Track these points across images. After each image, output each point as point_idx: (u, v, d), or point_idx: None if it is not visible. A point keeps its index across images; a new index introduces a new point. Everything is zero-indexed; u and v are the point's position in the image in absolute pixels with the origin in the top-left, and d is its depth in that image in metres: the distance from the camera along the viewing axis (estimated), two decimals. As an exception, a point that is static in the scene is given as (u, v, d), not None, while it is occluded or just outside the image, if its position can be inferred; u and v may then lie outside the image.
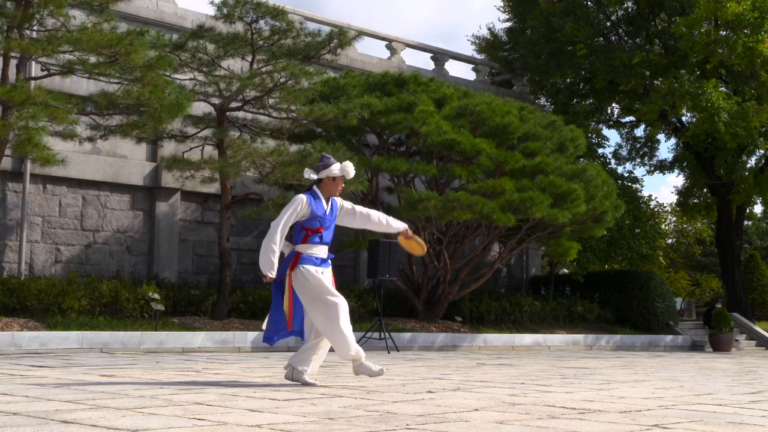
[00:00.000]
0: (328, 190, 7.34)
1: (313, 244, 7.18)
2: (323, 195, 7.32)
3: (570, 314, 22.46)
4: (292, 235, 7.29)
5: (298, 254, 7.14)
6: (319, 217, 7.18)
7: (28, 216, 17.26)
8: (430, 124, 16.79)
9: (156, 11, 19.38)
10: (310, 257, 7.14)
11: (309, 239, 7.18)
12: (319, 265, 7.16)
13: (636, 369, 11.01)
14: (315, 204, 7.20)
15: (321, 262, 7.19)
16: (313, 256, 7.16)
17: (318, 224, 7.19)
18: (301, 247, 7.17)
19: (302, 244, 7.18)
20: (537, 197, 16.91)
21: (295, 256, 7.14)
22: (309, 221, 7.19)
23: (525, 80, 25.96)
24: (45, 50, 12.95)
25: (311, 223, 7.20)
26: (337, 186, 7.37)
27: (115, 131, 14.86)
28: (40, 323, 14.31)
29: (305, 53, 16.82)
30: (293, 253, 7.18)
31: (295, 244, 7.21)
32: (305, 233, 7.20)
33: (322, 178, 7.33)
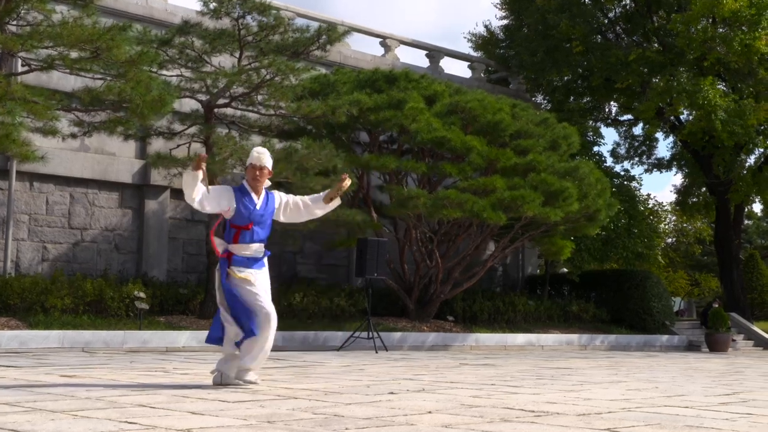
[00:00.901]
0: (249, 182, 6.93)
1: (243, 243, 6.78)
2: (251, 188, 6.91)
3: (565, 314, 22.23)
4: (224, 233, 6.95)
5: (229, 254, 6.77)
6: (249, 212, 6.77)
7: (15, 214, 17.10)
8: (420, 121, 16.60)
9: (145, 7, 19.22)
10: (240, 258, 6.75)
11: (240, 238, 6.78)
12: (248, 266, 6.76)
13: (620, 369, 10.81)
14: (242, 198, 6.80)
15: (253, 263, 6.78)
16: (244, 256, 6.76)
17: (247, 221, 6.78)
18: (233, 246, 6.79)
19: (233, 243, 6.79)
20: (528, 195, 16.70)
21: (227, 255, 6.81)
22: (237, 218, 6.79)
23: (521, 78, 25.73)
24: (24, 45, 12.76)
25: (239, 219, 6.79)
26: (254, 176, 6.91)
27: (99, 128, 14.67)
28: (22, 322, 14.15)
29: (293, 49, 16.61)
30: (225, 252, 6.84)
31: (227, 243, 6.82)
32: (235, 231, 6.81)
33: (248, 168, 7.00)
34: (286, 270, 20.66)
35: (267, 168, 6.97)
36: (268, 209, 6.94)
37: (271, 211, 6.98)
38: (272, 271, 21.12)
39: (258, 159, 6.94)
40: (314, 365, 10.08)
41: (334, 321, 17.75)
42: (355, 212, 16.33)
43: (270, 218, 6.99)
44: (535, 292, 23.91)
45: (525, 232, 18.88)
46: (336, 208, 16.06)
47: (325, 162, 15.12)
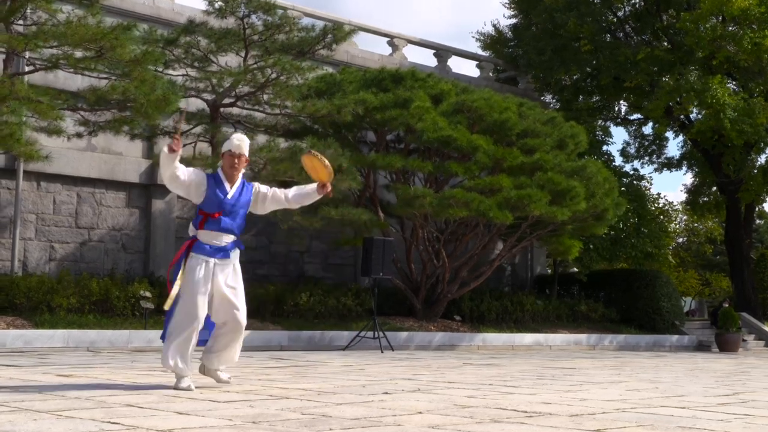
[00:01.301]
0: (225, 169, 6.66)
1: (209, 230, 6.53)
2: (225, 176, 6.64)
3: (573, 314, 22.12)
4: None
5: (194, 239, 6.57)
6: (219, 200, 6.52)
7: (22, 213, 17.12)
8: (426, 120, 16.53)
9: (152, 7, 19.20)
10: (203, 245, 6.50)
11: (205, 224, 6.54)
12: (211, 255, 6.48)
13: (624, 370, 10.73)
14: (215, 185, 6.57)
15: (215, 252, 6.50)
16: (208, 244, 6.51)
17: (215, 208, 6.52)
18: (199, 233, 6.58)
19: (199, 229, 6.59)
20: (535, 194, 16.62)
21: (191, 241, 6.57)
22: (206, 204, 6.55)
23: (529, 77, 25.63)
24: (28, 44, 12.78)
25: (208, 206, 6.54)
26: (231, 164, 6.63)
27: (105, 127, 14.68)
28: (27, 321, 14.17)
29: (299, 48, 16.60)
30: (191, 238, 6.62)
31: (195, 229, 6.65)
32: (201, 217, 6.58)
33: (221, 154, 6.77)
34: (293, 269, 20.64)
35: (245, 156, 6.74)
36: (241, 199, 6.67)
37: (245, 201, 6.70)
38: (279, 270, 21.11)
39: (238, 147, 6.66)
40: (316, 365, 10.04)
41: (340, 320, 17.71)
42: (361, 211, 16.29)
43: (243, 209, 6.71)
44: (544, 292, 23.81)
45: (532, 231, 18.79)
46: (342, 207, 16.09)
47: (331, 161, 15.02)
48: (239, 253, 6.82)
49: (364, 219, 16.17)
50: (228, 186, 6.61)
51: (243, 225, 6.79)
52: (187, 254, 6.53)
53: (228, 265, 6.59)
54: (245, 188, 6.73)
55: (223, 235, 6.55)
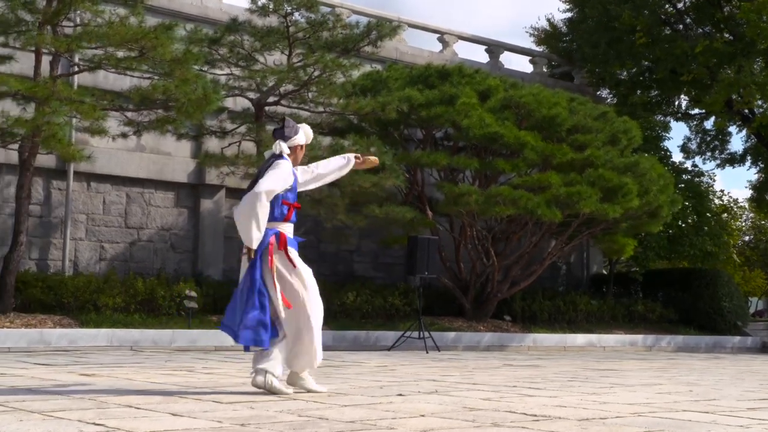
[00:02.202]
0: (295, 160, 6.37)
1: (292, 222, 6.14)
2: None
3: (630, 314, 21.57)
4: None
5: (282, 235, 6.00)
6: (295, 191, 6.19)
7: (73, 214, 17.31)
8: (472, 116, 16.26)
9: (200, 7, 19.27)
10: (292, 240, 6.07)
11: (292, 216, 6.13)
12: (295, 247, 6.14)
13: (669, 372, 10.34)
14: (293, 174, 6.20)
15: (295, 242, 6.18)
16: (292, 236, 6.11)
17: (295, 198, 6.18)
18: (284, 226, 6.06)
19: (284, 222, 6.07)
20: (585, 191, 16.23)
21: (280, 236, 5.99)
22: (291, 194, 6.14)
23: (584, 72, 25.11)
24: (70, 46, 12.88)
25: (293, 196, 6.15)
26: (302, 155, 6.47)
27: (149, 127, 14.73)
28: (74, 320, 14.30)
29: (343, 46, 16.47)
30: (274, 231, 5.97)
31: (276, 221, 6.02)
32: (287, 208, 6.08)
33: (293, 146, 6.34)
34: (342, 269, 20.52)
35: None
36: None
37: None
38: (328, 269, 21.08)
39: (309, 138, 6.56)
40: (350, 365, 9.88)
41: (388, 320, 17.54)
42: (405, 210, 16.09)
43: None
44: (600, 292, 23.29)
45: (584, 229, 18.37)
46: (387, 205, 15.91)
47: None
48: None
49: (409, 217, 15.97)
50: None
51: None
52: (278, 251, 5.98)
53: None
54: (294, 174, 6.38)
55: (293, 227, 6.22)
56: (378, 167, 15.30)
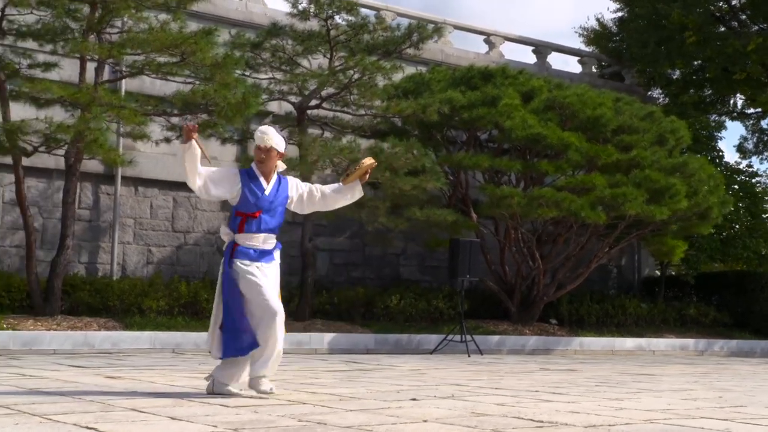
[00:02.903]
0: (258, 165, 6.26)
1: (250, 232, 6.08)
2: (260, 171, 6.24)
3: (681, 317, 21.13)
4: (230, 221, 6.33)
5: (234, 245, 6.09)
6: (257, 198, 6.11)
7: (120, 218, 17.57)
8: (515, 117, 16.10)
9: (245, 12, 19.42)
10: (245, 250, 6.05)
11: (245, 226, 6.09)
12: (255, 259, 6.06)
13: (709, 377, 10.08)
14: (250, 182, 6.17)
15: (258, 255, 6.08)
16: (251, 248, 6.07)
17: (254, 207, 6.09)
18: (238, 236, 6.11)
19: (238, 232, 6.12)
20: (630, 193, 15.95)
21: (232, 247, 6.10)
22: (243, 204, 6.12)
23: (634, 72, 24.71)
24: (111, 52, 13.06)
25: (245, 206, 6.11)
26: (259, 158, 6.24)
27: (191, 131, 14.85)
28: (119, 323, 14.48)
29: (384, 48, 16.44)
30: (230, 243, 6.14)
31: (233, 233, 6.18)
32: (240, 219, 6.11)
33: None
34: (388, 272, 20.48)
35: (275, 149, 6.30)
36: (279, 196, 6.26)
37: (282, 198, 6.29)
38: (374, 272, 21.03)
39: (261, 139, 6.24)
40: (382, 369, 9.83)
41: (432, 324, 17.45)
42: (447, 212, 15.99)
43: (281, 206, 6.30)
44: (652, 295, 22.86)
45: (632, 231, 18.05)
46: (428, 208, 15.83)
47: (414, 161, 14.86)
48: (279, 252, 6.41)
49: (451, 220, 15.85)
50: (264, 182, 6.20)
51: (281, 223, 6.40)
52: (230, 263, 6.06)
53: (272, 266, 6.17)
54: (282, 184, 6.32)
55: (263, 236, 6.12)
56: (418, 169, 15.34)
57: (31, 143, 13.29)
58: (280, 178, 6.34)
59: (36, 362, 9.77)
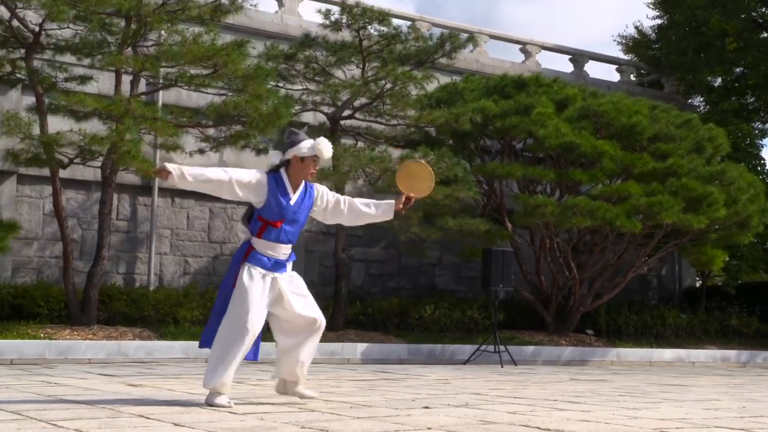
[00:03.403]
0: (296, 174, 6.03)
1: (268, 240, 5.97)
2: (291, 180, 6.02)
3: (723, 328, 20.78)
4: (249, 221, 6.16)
5: (250, 248, 5.98)
6: (281, 207, 5.95)
7: (157, 229, 17.77)
8: (548, 126, 16.00)
9: (281, 24, 19.57)
10: (260, 257, 5.93)
11: (265, 233, 5.97)
12: (269, 269, 5.94)
13: (743, 389, 9.87)
14: (276, 189, 5.97)
15: (273, 265, 5.96)
16: (265, 255, 5.95)
17: (277, 216, 5.93)
18: (256, 241, 5.99)
19: (257, 237, 6.00)
20: (667, 201, 15.74)
21: (247, 249, 5.99)
22: (266, 210, 5.95)
23: (673, 79, 24.43)
24: (144, 65, 13.23)
25: (268, 212, 5.95)
26: (307, 169, 6.05)
27: (224, 142, 15.00)
28: (154, 333, 14.62)
29: (417, 58, 16.45)
30: (246, 244, 6.03)
31: (252, 235, 6.05)
32: (261, 224, 5.98)
33: (289, 158, 6.04)
34: (423, 282, 20.44)
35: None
36: (303, 206, 6.10)
37: (307, 206, 6.12)
38: (409, 282, 20.97)
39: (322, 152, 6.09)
40: (407, 378, 9.79)
41: (467, 334, 17.36)
42: (479, 221, 15.91)
43: (305, 215, 6.15)
44: (693, 306, 22.53)
45: (670, 240, 17.81)
46: (461, 217, 15.76)
47: (446, 171, 14.82)
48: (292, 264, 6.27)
49: (484, 229, 15.77)
50: (291, 191, 6.03)
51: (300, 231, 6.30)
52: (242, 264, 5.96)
53: (286, 276, 6.08)
54: (308, 192, 6.13)
55: (281, 246, 6.01)
56: (451, 179, 15.29)
57: (66, 155, 13.49)
58: (307, 186, 6.16)
59: (67, 371, 9.89)
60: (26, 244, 16.55)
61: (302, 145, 6.07)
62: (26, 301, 14.68)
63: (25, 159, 13.32)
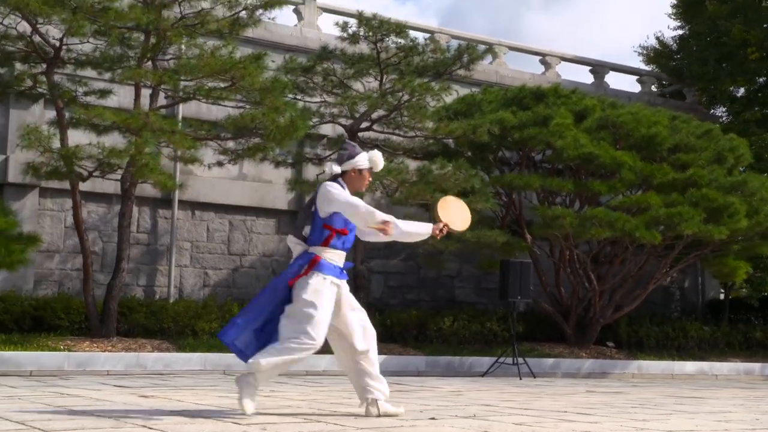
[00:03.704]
0: (353, 184, 6.18)
1: (334, 248, 6.06)
2: (350, 190, 6.14)
3: (747, 341, 20.56)
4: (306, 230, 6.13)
5: (316, 257, 5.98)
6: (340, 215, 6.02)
7: (177, 241, 17.86)
8: (567, 137, 15.94)
9: (300, 38, 19.66)
10: (329, 264, 5.99)
11: (331, 242, 6.04)
12: (338, 276, 6.04)
13: (759, 401, 9.76)
14: None
15: (340, 273, 6.07)
16: (333, 263, 6.02)
17: (343, 224, 6.05)
18: (319, 249, 6.01)
19: (321, 246, 6.02)
20: (687, 212, 15.62)
21: (312, 259, 5.98)
22: (335, 219, 6.02)
23: (695, 90, 24.29)
24: (162, 78, 13.34)
25: (337, 221, 6.03)
26: (364, 180, 6.26)
27: (243, 155, 15.07)
28: (172, 345, 14.68)
29: (435, 70, 16.47)
30: (308, 254, 6.02)
31: (311, 245, 6.06)
32: (328, 233, 6.03)
33: (346, 170, 6.18)
34: (443, 294, 20.41)
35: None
36: None
37: None
38: (428, 294, 20.97)
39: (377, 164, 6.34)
40: (422, 390, 9.78)
41: (486, 346, 17.29)
42: (497, 233, 15.86)
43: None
44: (717, 318, 22.29)
45: (691, 251, 17.66)
46: (478, 229, 15.70)
47: (463, 182, 14.80)
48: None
49: (501, 241, 15.72)
50: None
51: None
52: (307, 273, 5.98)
53: (346, 286, 6.24)
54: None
55: (343, 254, 6.18)
56: (468, 190, 15.27)
57: (86, 168, 13.60)
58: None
59: (83, 382, 9.95)
60: (48, 257, 16.70)
61: (359, 158, 6.27)
62: (47, 314, 14.80)
63: (45, 172, 13.43)
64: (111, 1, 13.36)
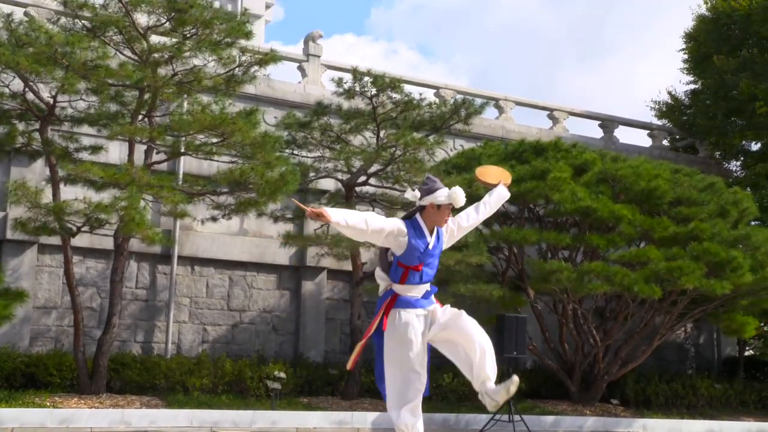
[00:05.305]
0: (431, 219, 6.34)
1: (412, 284, 6.29)
2: (426, 225, 6.33)
3: (762, 400, 19.97)
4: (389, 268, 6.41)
5: (395, 295, 6.30)
6: (419, 252, 6.22)
7: (176, 297, 17.79)
8: (564, 191, 15.76)
9: (303, 94, 19.72)
10: (407, 299, 6.28)
11: (408, 279, 6.27)
12: (416, 307, 6.29)
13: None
14: (415, 235, 6.24)
15: (417, 302, 6.30)
16: (411, 296, 6.30)
17: (417, 260, 6.22)
18: (398, 287, 6.31)
19: (399, 284, 6.30)
20: (687, 266, 15.29)
21: (392, 296, 6.30)
22: (407, 256, 6.21)
23: (706, 144, 24.02)
24: (150, 134, 13.41)
25: (409, 258, 6.22)
26: (443, 216, 6.35)
27: (235, 210, 15.03)
28: (162, 401, 14.54)
29: (432, 124, 16.42)
30: (389, 292, 6.35)
31: (393, 282, 6.35)
32: (402, 270, 6.26)
33: (424, 204, 6.35)
34: (447, 350, 20.05)
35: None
36: (438, 246, 6.41)
37: (440, 248, 6.45)
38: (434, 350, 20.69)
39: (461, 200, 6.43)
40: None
41: (487, 403, 16.90)
42: (492, 287, 15.63)
43: (439, 254, 6.46)
44: (732, 376, 21.72)
45: (696, 306, 17.27)
46: (474, 283, 15.47)
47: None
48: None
49: (497, 295, 15.48)
50: (428, 235, 6.36)
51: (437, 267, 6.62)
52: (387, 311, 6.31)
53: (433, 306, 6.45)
54: (439, 234, 6.46)
55: (424, 287, 6.37)
56: (461, 244, 15.07)
57: (74, 224, 13.63)
58: (437, 230, 6.47)
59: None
60: (45, 313, 16.69)
61: (439, 193, 6.37)
62: (39, 370, 14.74)
63: (34, 227, 13.47)
64: (103, 59, 13.47)
